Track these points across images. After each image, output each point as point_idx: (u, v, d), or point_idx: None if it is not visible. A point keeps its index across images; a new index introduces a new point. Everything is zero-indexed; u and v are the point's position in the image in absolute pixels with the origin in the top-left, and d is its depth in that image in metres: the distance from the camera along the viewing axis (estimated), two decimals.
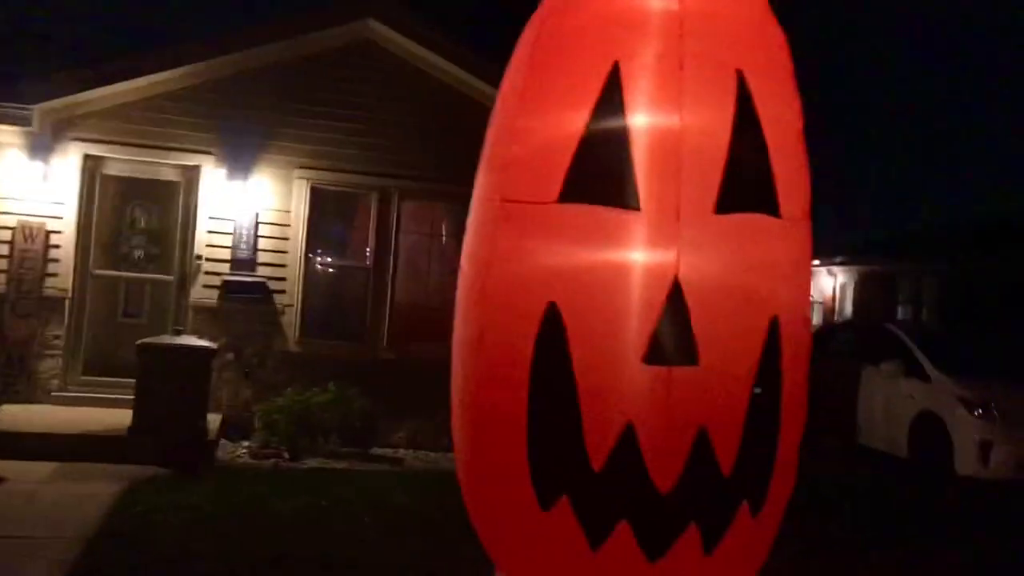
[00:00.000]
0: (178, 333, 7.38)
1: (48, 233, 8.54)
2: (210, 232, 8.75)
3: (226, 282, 8.58)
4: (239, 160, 8.66)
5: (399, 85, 9.15)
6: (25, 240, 8.53)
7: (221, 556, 4.48)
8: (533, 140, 2.80)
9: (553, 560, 2.79)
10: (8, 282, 8.48)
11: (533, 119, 2.82)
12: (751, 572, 2.93)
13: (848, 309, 21.84)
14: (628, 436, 2.59)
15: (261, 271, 8.80)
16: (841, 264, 22.79)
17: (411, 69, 9.11)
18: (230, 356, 8.65)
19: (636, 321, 2.57)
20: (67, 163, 8.60)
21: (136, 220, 9.02)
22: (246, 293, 8.56)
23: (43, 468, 6.32)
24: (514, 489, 2.76)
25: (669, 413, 2.58)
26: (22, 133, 8.42)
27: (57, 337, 8.65)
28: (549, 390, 2.68)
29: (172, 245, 8.86)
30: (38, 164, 8.48)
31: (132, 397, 6.98)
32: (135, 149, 8.69)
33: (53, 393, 8.51)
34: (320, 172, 8.94)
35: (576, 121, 2.69)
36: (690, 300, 2.56)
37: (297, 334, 8.89)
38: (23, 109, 8.22)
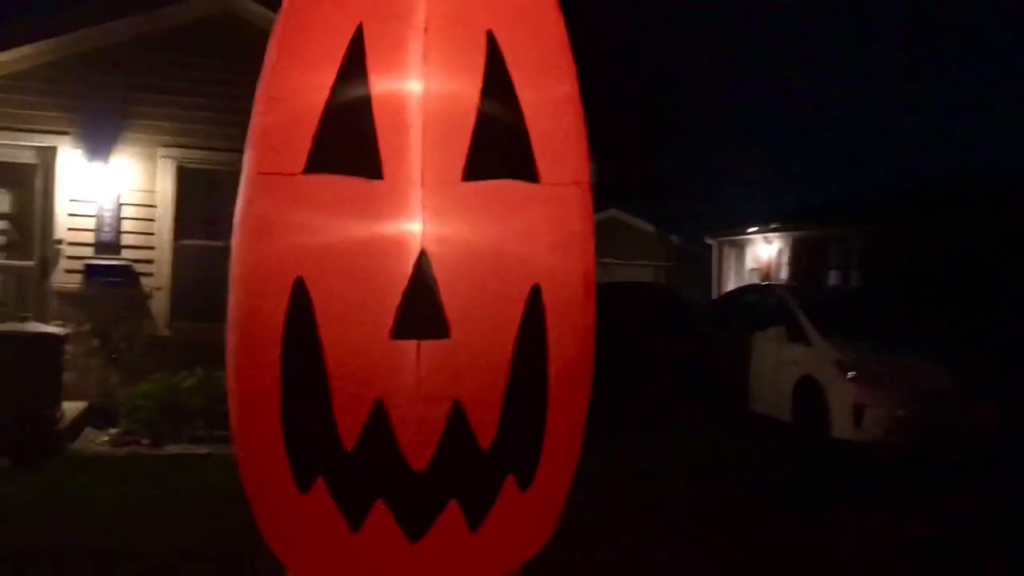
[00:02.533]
0: (24, 320, 7.07)
1: None
2: (71, 215, 8.39)
3: (88, 266, 8.25)
4: (98, 140, 8.30)
5: (262, 59, 8.84)
6: None
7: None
8: (282, 109, 2.67)
9: (316, 544, 2.70)
10: None
11: (283, 88, 2.69)
12: (530, 549, 2.87)
13: (784, 275, 22.11)
14: (378, 413, 2.51)
15: (127, 254, 8.48)
16: (776, 231, 23.07)
17: None
18: (95, 342, 8.34)
19: (383, 295, 2.48)
20: None
21: None
22: (110, 276, 8.24)
23: None
24: (274, 471, 2.65)
25: (420, 388, 2.50)
26: None
27: None
28: (299, 368, 2.58)
29: (32, 230, 8.48)
30: None
31: None
32: None
33: None
34: (186, 151, 8.63)
35: (321, 88, 2.57)
36: (438, 271, 2.48)
37: (167, 317, 8.62)
38: None
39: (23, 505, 5.09)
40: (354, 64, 2.54)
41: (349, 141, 2.52)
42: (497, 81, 2.58)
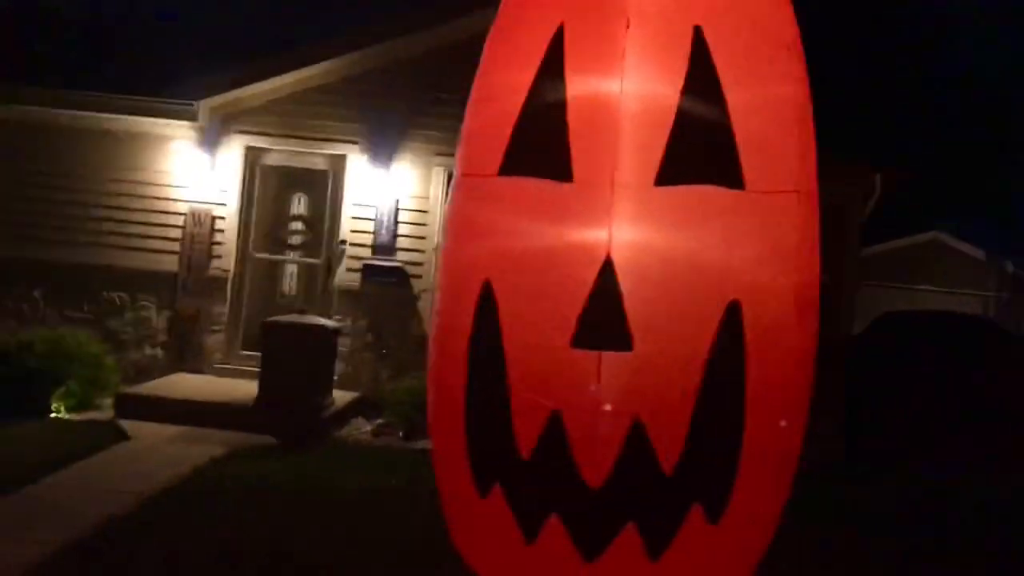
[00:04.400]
0: (303, 312, 7.75)
1: (214, 219, 9.22)
2: (354, 218, 9.11)
3: (366, 266, 8.90)
4: (381, 149, 8.94)
5: None
6: (194, 225, 9.27)
7: (245, 525, 4.68)
8: (486, 111, 2.69)
9: (493, 549, 2.67)
10: (180, 263, 9.24)
11: (487, 89, 2.71)
12: None
13: None
14: (555, 424, 2.43)
15: (400, 256, 9.05)
16: None
17: None
18: (370, 337, 8.98)
19: (565, 302, 2.39)
20: (231, 154, 9.23)
21: (290, 207, 9.55)
22: (385, 277, 8.84)
23: (170, 431, 6.85)
24: (457, 472, 2.66)
25: (598, 402, 2.39)
26: (191, 127, 9.13)
27: (221, 314, 9.33)
28: (483, 370, 2.56)
29: (321, 230, 9.31)
30: (205, 156, 9.17)
31: None
32: (290, 140, 9.19)
33: (216, 365, 9.20)
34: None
35: (520, 89, 2.54)
36: (624, 280, 2.35)
37: None
38: (189, 105, 8.92)
39: (280, 482, 5.56)
40: (552, 64, 2.48)
41: (542, 142, 2.47)
42: (701, 80, 2.40)
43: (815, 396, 2.68)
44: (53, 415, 7.48)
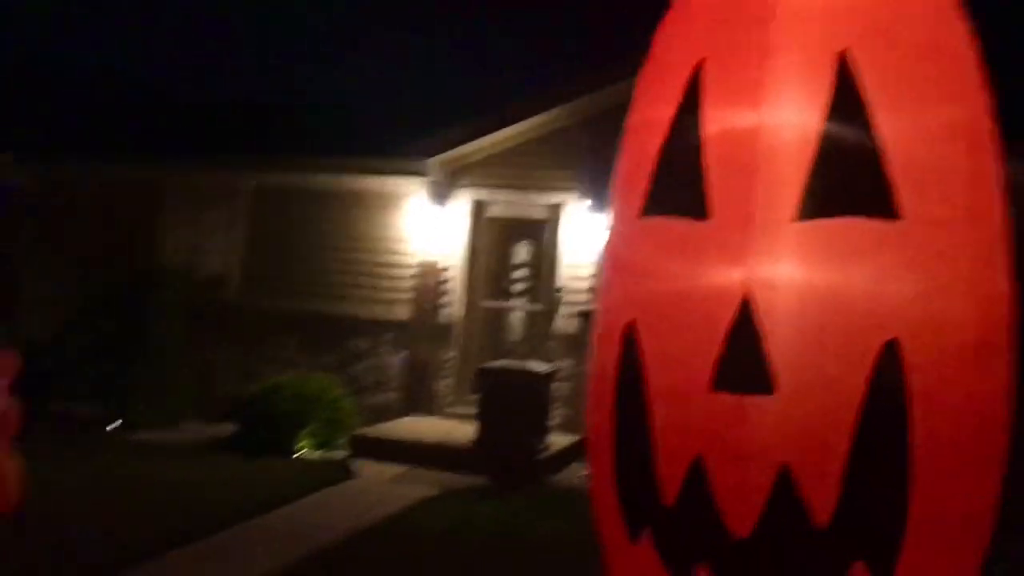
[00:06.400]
0: (519, 359, 7.94)
1: (443, 269, 9.74)
2: (570, 264, 9.27)
3: (582, 312, 9.01)
4: (596, 196, 9.07)
5: None
6: (425, 276, 9.84)
7: (435, 565, 4.84)
8: (631, 150, 2.69)
9: None
10: (412, 312, 9.83)
11: (633, 128, 2.72)
12: None
13: None
14: (697, 470, 2.34)
15: None
16: None
17: None
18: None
19: (704, 344, 2.32)
20: (458, 207, 9.74)
21: (513, 256, 9.89)
22: None
23: (393, 471, 7.26)
24: (610, 515, 2.64)
25: (741, 447, 2.28)
26: (422, 183, 9.75)
27: (450, 360, 9.79)
28: (629, 413, 2.53)
29: (541, 278, 9.55)
30: (435, 209, 9.74)
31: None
32: (510, 191, 9.57)
33: (446, 409, 9.65)
34: None
35: (661, 126, 2.53)
36: (764, 320, 2.24)
37: None
38: (418, 163, 9.53)
39: (483, 524, 5.71)
40: (691, 101, 2.45)
41: (679, 181, 2.43)
42: (846, 107, 2.27)
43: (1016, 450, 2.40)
44: (297, 454, 8.15)
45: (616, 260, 2.71)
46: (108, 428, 8.70)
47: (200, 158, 10.50)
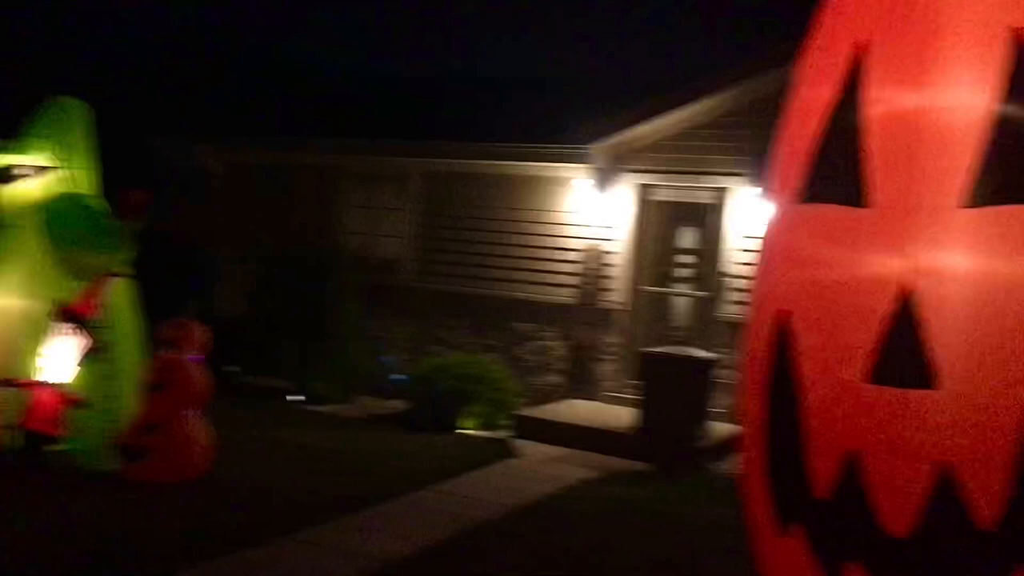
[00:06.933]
0: (681, 345, 7.83)
1: (606, 254, 9.75)
2: (737, 250, 9.05)
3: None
4: (763, 180, 8.81)
5: None
6: (588, 261, 9.88)
7: (583, 542, 4.93)
8: (789, 134, 2.64)
9: None
10: (576, 295, 9.90)
11: (792, 112, 2.66)
12: None
13: None
14: (852, 465, 2.29)
15: None
16: None
17: None
18: None
19: (862, 335, 2.26)
20: (622, 193, 9.70)
21: (677, 241, 9.76)
22: None
23: (553, 452, 7.35)
24: (761, 505, 2.62)
25: (901, 444, 2.21)
26: (586, 169, 9.77)
27: (612, 345, 9.79)
28: (780, 402, 2.50)
29: (706, 263, 9.38)
30: (599, 195, 9.74)
31: None
32: (675, 176, 9.42)
33: (607, 393, 9.66)
34: None
35: (820, 111, 2.47)
36: (927, 312, 2.16)
37: None
38: (584, 148, 9.55)
39: (637, 507, 5.71)
40: (852, 83, 2.38)
41: (839, 165, 2.37)
42: (1019, 86, 2.14)
43: None
44: (461, 431, 8.42)
45: (773, 247, 2.67)
46: (288, 400, 9.28)
47: (372, 145, 10.96)
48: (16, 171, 6.07)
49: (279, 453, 6.61)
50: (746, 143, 8.91)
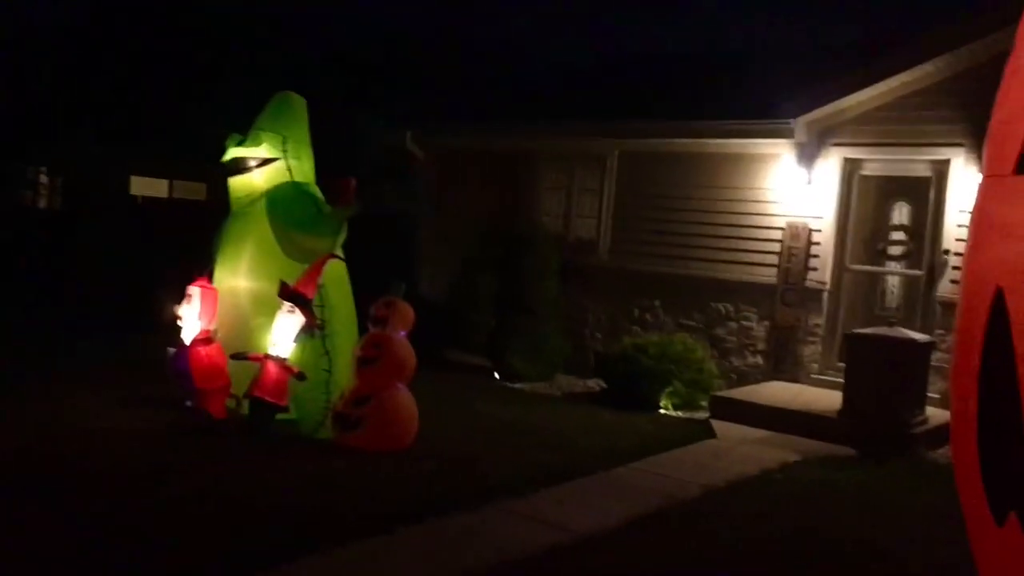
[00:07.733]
0: (892, 325, 7.40)
1: (810, 231, 9.38)
2: (960, 226, 8.43)
3: None
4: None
5: None
6: (791, 238, 9.54)
7: (783, 522, 4.75)
8: (1006, 103, 2.47)
9: None
10: (778, 275, 9.61)
11: (1009, 80, 2.49)
12: None
13: None
14: None
15: None
16: None
17: None
18: None
19: None
20: (827, 167, 9.29)
21: (890, 217, 9.23)
22: None
23: (754, 434, 7.19)
24: (972, 495, 2.50)
25: None
26: (788, 144, 9.42)
27: (817, 325, 9.43)
28: (994, 386, 2.35)
29: (922, 240, 8.81)
30: (802, 170, 9.37)
31: None
32: (887, 149, 8.91)
33: (812, 375, 9.33)
34: None
35: None
36: None
37: None
38: (786, 123, 9.21)
39: (841, 491, 5.51)
40: None
41: None
42: None
43: None
44: (660, 411, 8.40)
45: (985, 219, 2.52)
46: (488, 376, 9.60)
47: (571, 126, 11.06)
48: (245, 163, 6.66)
49: (480, 426, 6.89)
50: (968, 112, 8.32)
